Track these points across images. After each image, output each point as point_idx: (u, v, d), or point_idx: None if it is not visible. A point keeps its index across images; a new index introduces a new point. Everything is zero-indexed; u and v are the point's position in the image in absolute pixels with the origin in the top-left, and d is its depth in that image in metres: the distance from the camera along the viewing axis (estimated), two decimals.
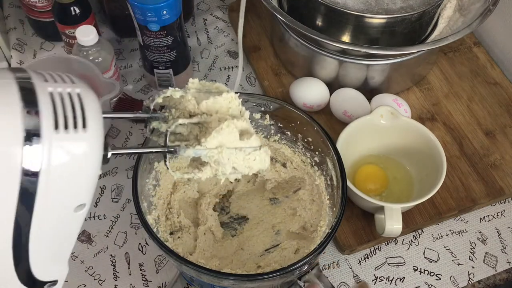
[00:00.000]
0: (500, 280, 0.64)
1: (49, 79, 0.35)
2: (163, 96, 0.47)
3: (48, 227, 0.36)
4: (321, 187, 0.59)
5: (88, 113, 0.35)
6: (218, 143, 0.45)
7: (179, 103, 0.48)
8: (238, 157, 0.47)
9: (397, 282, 0.63)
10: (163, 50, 0.71)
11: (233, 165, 0.47)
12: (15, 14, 0.86)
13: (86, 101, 0.36)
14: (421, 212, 0.65)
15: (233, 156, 0.46)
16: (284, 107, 0.59)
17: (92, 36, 0.68)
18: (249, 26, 0.84)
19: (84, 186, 0.36)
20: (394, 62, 0.70)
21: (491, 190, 0.68)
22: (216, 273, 0.48)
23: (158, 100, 0.47)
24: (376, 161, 0.68)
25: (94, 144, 0.35)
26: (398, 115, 0.64)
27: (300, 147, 0.62)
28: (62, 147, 0.33)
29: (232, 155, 0.46)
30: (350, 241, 0.63)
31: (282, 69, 0.79)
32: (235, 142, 0.46)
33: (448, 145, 0.72)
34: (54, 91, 0.35)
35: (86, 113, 0.35)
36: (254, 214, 0.63)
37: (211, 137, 0.45)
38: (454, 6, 0.74)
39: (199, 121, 0.47)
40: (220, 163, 0.46)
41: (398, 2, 0.65)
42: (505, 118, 0.75)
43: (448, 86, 0.78)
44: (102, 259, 0.63)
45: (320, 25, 0.69)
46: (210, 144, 0.45)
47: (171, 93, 0.47)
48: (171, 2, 0.65)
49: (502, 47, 0.82)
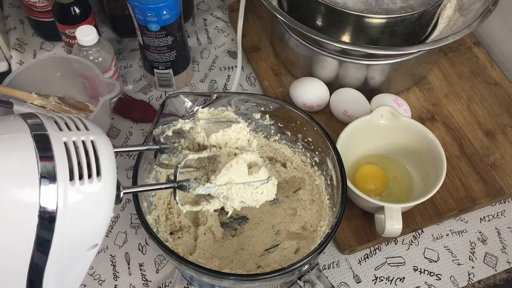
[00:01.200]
0: (500, 280, 0.64)
1: (63, 128, 0.36)
2: (173, 129, 0.48)
3: (61, 266, 0.37)
4: (321, 187, 0.59)
5: (102, 162, 0.36)
6: (227, 180, 0.46)
7: (188, 132, 0.49)
8: (246, 192, 0.48)
9: (397, 282, 0.63)
10: (163, 50, 0.71)
11: (241, 199, 0.48)
12: (15, 14, 0.86)
13: (100, 149, 0.36)
14: (421, 212, 0.65)
15: (241, 191, 0.47)
16: (284, 107, 0.59)
17: (92, 36, 0.68)
18: (249, 26, 0.84)
19: (97, 228, 0.37)
20: (394, 62, 0.70)
21: (491, 190, 0.68)
22: (216, 273, 0.48)
23: (168, 133, 0.48)
24: (376, 161, 0.68)
25: (107, 189, 0.36)
26: (398, 115, 0.64)
27: (300, 147, 0.62)
28: (77, 195, 0.34)
29: (241, 190, 0.47)
30: (350, 241, 0.63)
31: (282, 69, 0.79)
32: (243, 177, 0.47)
33: (448, 145, 0.72)
34: (68, 141, 0.35)
35: (101, 161, 0.36)
36: (254, 214, 0.63)
37: (221, 174, 0.46)
38: (454, 6, 0.74)
39: (209, 155, 0.48)
40: (229, 198, 0.47)
41: (398, 2, 0.65)
42: (505, 118, 0.75)
43: (448, 86, 0.78)
44: (102, 259, 0.63)
45: (320, 25, 0.69)
46: (219, 181, 0.46)
47: (181, 125, 0.48)
48: (171, 2, 0.65)
49: (502, 47, 0.82)
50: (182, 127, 0.49)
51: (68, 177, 0.34)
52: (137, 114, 0.75)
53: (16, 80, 0.67)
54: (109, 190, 0.37)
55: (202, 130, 0.49)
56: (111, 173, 0.36)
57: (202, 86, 0.80)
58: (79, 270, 0.40)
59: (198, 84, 0.80)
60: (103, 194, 0.36)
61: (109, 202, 0.37)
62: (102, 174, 0.35)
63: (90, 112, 0.71)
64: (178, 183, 0.45)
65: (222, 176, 0.46)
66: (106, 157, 0.36)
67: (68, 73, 0.71)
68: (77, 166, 0.34)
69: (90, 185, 0.35)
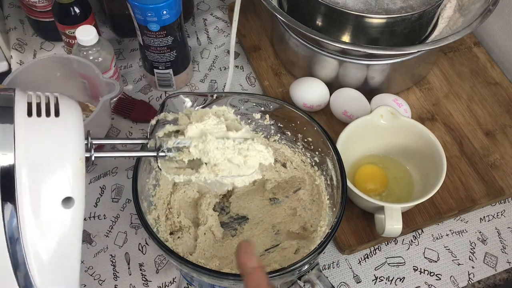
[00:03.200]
0: (500, 280, 0.64)
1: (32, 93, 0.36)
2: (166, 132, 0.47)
3: (41, 230, 0.34)
4: (321, 187, 0.59)
5: (62, 105, 0.35)
6: (200, 132, 0.44)
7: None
8: (228, 148, 0.45)
9: (397, 282, 0.63)
10: (163, 50, 0.71)
11: (228, 158, 0.45)
12: (15, 14, 0.86)
13: (62, 99, 0.36)
14: (421, 212, 0.65)
15: (221, 145, 0.44)
16: (284, 107, 0.59)
17: (92, 36, 0.68)
18: (249, 26, 0.84)
19: (66, 176, 0.35)
20: (394, 62, 0.70)
21: (491, 190, 0.68)
22: (216, 273, 0.48)
23: (159, 134, 0.46)
24: (376, 161, 0.68)
25: (69, 129, 0.35)
26: (398, 115, 0.64)
27: (300, 147, 0.62)
28: (36, 132, 0.33)
29: (220, 144, 0.44)
30: (350, 241, 0.63)
31: (282, 69, 0.79)
32: (220, 133, 0.45)
33: (448, 145, 0.72)
34: (32, 94, 0.36)
35: (60, 104, 0.35)
36: (254, 214, 0.63)
37: (192, 126, 0.44)
38: (454, 6, 0.74)
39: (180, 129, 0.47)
40: (209, 153, 0.44)
41: (398, 2, 0.65)
42: (505, 118, 0.75)
43: (448, 86, 0.78)
44: (102, 259, 0.63)
45: (320, 25, 0.69)
46: (191, 132, 0.44)
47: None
48: (171, 2, 0.65)
49: (502, 47, 0.82)
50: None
51: (25, 113, 0.33)
52: (137, 114, 0.75)
53: (16, 80, 0.67)
54: (72, 131, 0.35)
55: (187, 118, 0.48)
56: (72, 114, 0.36)
57: (202, 86, 0.80)
58: (68, 246, 0.37)
59: (198, 84, 0.80)
60: (64, 133, 0.35)
61: (73, 145, 0.35)
62: (62, 113, 0.35)
63: (90, 112, 0.71)
64: (150, 139, 0.44)
65: (193, 127, 0.44)
66: (68, 103, 0.36)
67: (68, 73, 0.71)
68: (36, 106, 0.34)
69: (48, 120, 0.34)
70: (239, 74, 0.81)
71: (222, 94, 0.58)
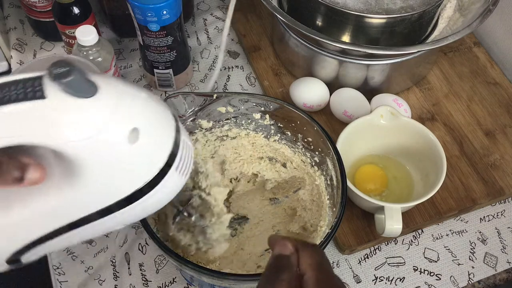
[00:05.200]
0: (500, 280, 0.64)
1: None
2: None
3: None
4: (321, 187, 0.59)
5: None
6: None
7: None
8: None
9: (397, 282, 0.63)
10: (163, 50, 0.71)
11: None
12: (15, 14, 0.86)
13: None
14: (421, 212, 0.65)
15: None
16: (284, 107, 0.59)
17: (92, 36, 0.68)
18: (249, 26, 0.84)
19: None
20: (394, 62, 0.70)
21: (491, 190, 0.68)
22: (216, 273, 0.48)
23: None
24: (376, 161, 0.68)
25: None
26: (398, 115, 0.64)
27: (300, 147, 0.62)
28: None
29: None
30: (350, 241, 0.63)
31: (282, 69, 0.79)
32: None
33: (448, 145, 0.72)
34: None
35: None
36: (254, 214, 0.63)
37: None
38: (454, 6, 0.74)
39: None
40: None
41: (398, 2, 0.65)
42: (505, 118, 0.75)
43: (448, 86, 0.78)
44: (102, 259, 0.63)
45: (320, 25, 0.69)
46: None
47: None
48: (171, 2, 0.65)
49: (502, 47, 0.82)
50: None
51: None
52: None
53: None
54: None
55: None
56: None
57: (202, 86, 0.80)
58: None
59: (198, 84, 0.80)
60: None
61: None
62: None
63: None
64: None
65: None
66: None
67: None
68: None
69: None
70: (239, 74, 0.81)
71: (222, 94, 0.58)
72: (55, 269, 0.62)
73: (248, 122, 0.61)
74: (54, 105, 0.31)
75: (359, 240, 0.63)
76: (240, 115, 0.61)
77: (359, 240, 0.63)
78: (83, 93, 0.31)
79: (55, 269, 0.62)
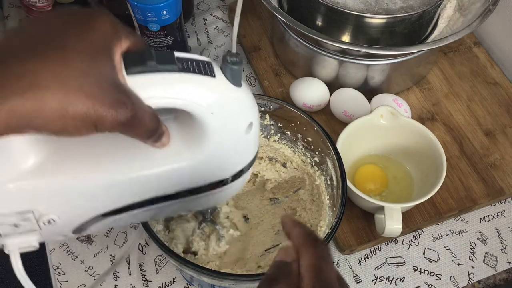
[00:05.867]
0: (500, 280, 0.64)
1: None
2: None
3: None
4: (321, 187, 0.59)
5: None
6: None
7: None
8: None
9: (397, 282, 0.63)
10: (163, 50, 0.71)
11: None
12: (15, 14, 0.86)
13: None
14: (421, 212, 0.65)
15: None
16: (284, 107, 0.59)
17: None
18: (249, 26, 0.84)
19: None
20: (394, 62, 0.70)
21: (491, 190, 0.68)
22: (216, 273, 0.48)
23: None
24: (376, 161, 0.68)
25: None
26: (398, 115, 0.64)
27: (300, 147, 0.62)
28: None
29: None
30: (350, 241, 0.63)
31: (282, 69, 0.79)
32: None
33: (448, 145, 0.72)
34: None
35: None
36: (254, 214, 0.63)
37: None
38: (454, 6, 0.74)
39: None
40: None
41: (398, 2, 0.65)
42: (505, 118, 0.75)
43: (448, 86, 0.78)
44: (102, 259, 0.63)
45: (320, 25, 0.69)
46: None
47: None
48: (171, 2, 0.65)
49: (502, 47, 0.82)
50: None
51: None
52: None
53: None
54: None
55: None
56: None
57: None
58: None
59: None
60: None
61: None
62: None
63: None
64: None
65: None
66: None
67: None
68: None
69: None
70: None
71: None
72: (55, 269, 0.62)
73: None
74: (219, 83, 0.37)
75: (359, 240, 0.63)
76: None
77: (359, 240, 0.63)
78: (236, 82, 0.38)
79: (55, 269, 0.62)
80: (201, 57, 0.37)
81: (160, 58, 0.34)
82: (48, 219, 0.37)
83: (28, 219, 0.36)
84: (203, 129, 0.38)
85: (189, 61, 0.36)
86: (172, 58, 0.35)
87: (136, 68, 0.34)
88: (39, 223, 0.37)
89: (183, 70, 0.35)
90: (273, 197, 0.64)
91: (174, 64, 0.35)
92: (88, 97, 0.31)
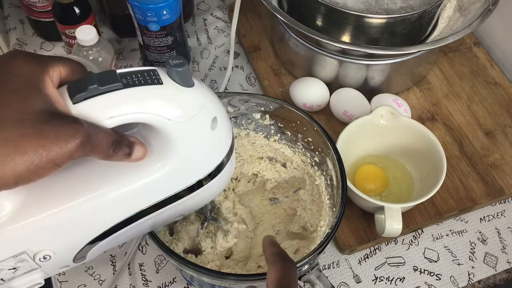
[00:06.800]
0: (500, 280, 0.64)
1: None
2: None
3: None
4: (321, 187, 0.59)
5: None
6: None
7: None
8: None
9: (397, 282, 0.63)
10: (163, 50, 0.71)
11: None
12: (15, 14, 0.86)
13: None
14: (421, 212, 0.65)
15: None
16: (284, 107, 0.59)
17: (92, 36, 0.68)
18: (249, 26, 0.84)
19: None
20: (394, 62, 0.70)
21: (491, 190, 0.68)
22: (216, 273, 0.48)
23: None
24: (376, 161, 0.68)
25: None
26: (398, 115, 0.64)
27: (300, 147, 0.62)
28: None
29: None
30: (350, 241, 0.63)
31: (282, 69, 0.79)
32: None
33: (448, 145, 0.72)
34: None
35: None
36: (254, 214, 0.63)
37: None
38: (454, 6, 0.74)
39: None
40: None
41: (398, 2, 0.65)
42: (505, 118, 0.75)
43: (448, 86, 0.78)
44: (102, 259, 0.63)
45: (320, 25, 0.69)
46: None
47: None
48: (171, 2, 0.65)
49: (502, 47, 0.82)
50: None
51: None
52: None
53: None
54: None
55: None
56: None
57: None
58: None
59: None
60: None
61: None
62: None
63: None
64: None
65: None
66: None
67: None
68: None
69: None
70: (239, 74, 0.81)
71: (222, 94, 0.58)
72: None
73: (248, 122, 0.61)
74: (168, 89, 0.37)
75: (359, 240, 0.63)
76: (240, 115, 0.61)
77: (359, 240, 0.63)
78: (186, 83, 0.38)
79: None
80: (145, 68, 0.37)
81: (102, 80, 0.35)
82: (43, 255, 0.37)
83: (24, 260, 0.36)
84: (166, 136, 0.38)
85: (133, 74, 0.36)
86: (114, 76, 0.35)
87: (79, 95, 0.34)
88: (36, 261, 0.37)
89: (128, 85, 0.35)
90: (273, 197, 0.64)
91: (118, 82, 0.35)
92: (31, 140, 0.30)
